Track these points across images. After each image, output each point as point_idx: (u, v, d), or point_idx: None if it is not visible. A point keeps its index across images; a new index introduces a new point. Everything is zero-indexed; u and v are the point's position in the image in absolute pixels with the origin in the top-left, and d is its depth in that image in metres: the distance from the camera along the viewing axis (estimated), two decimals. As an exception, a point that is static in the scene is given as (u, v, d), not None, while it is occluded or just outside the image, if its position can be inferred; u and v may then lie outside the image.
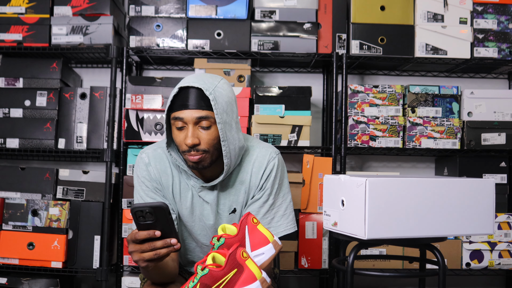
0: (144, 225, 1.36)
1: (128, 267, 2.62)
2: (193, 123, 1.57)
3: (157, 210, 1.34)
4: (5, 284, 2.51)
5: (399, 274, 1.79)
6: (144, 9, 2.73)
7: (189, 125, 1.57)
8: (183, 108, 1.57)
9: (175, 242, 1.37)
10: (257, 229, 1.42)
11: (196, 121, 1.57)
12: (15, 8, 2.70)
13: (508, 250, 2.64)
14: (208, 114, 1.57)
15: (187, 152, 1.59)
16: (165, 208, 1.34)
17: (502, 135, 2.68)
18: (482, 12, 2.75)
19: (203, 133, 1.58)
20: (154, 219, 1.35)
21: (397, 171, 3.03)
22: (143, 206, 1.34)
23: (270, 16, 2.73)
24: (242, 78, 2.66)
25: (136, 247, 1.39)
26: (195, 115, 1.56)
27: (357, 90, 2.68)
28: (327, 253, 2.59)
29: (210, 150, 1.60)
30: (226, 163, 1.61)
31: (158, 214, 1.35)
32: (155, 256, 1.38)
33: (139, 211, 1.34)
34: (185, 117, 1.57)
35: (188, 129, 1.58)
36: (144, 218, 1.35)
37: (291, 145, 2.60)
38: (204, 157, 1.60)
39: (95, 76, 3.03)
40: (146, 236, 1.37)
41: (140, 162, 1.73)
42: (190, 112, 1.57)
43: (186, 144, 1.57)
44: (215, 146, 1.61)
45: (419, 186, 1.58)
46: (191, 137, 1.56)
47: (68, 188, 2.61)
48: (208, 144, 1.59)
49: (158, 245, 1.37)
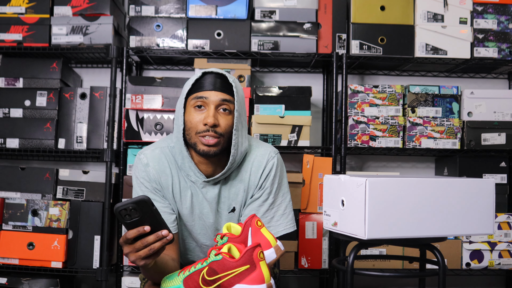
0: (132, 223, 1.35)
1: (128, 267, 2.62)
2: (216, 105, 1.62)
3: (140, 204, 1.32)
4: (5, 284, 2.51)
5: (399, 274, 1.79)
6: (144, 9, 2.73)
7: (211, 106, 1.61)
8: (208, 89, 1.62)
9: (167, 233, 1.36)
10: (260, 232, 1.42)
11: (219, 103, 1.62)
12: (15, 8, 2.70)
13: (508, 250, 2.64)
14: (231, 99, 1.63)
15: (204, 133, 1.60)
16: (147, 200, 1.32)
17: (502, 135, 2.68)
18: (482, 12, 2.75)
19: (222, 117, 1.63)
20: (140, 215, 1.33)
21: (397, 171, 3.03)
22: (125, 204, 1.32)
23: (270, 16, 2.73)
24: (242, 78, 2.66)
25: (129, 248, 1.38)
26: (220, 96, 1.62)
27: (357, 90, 2.68)
28: (327, 253, 2.59)
29: (225, 136, 1.63)
30: (232, 153, 1.63)
31: (142, 209, 1.33)
32: (150, 251, 1.36)
33: (123, 209, 1.32)
34: (210, 96, 1.61)
35: (209, 109, 1.61)
36: (130, 216, 1.34)
37: (291, 145, 2.60)
38: (219, 141, 1.62)
39: (95, 76, 3.03)
40: (136, 233, 1.35)
41: (138, 163, 1.73)
42: (215, 93, 1.62)
43: (207, 123, 1.59)
44: (228, 134, 1.64)
45: (419, 186, 1.58)
46: (212, 116, 1.60)
47: (68, 188, 2.61)
48: (225, 129, 1.62)
49: (150, 240, 1.36)
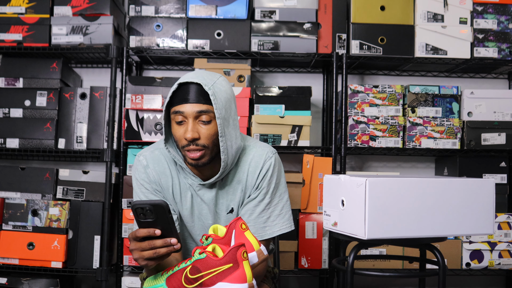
0: (145, 223, 1.36)
1: (128, 267, 2.62)
2: (193, 117, 1.58)
3: (157, 208, 1.34)
4: (5, 284, 2.51)
5: (399, 274, 1.79)
6: (144, 9, 2.73)
7: (189, 119, 1.59)
8: (183, 102, 1.58)
9: (175, 242, 1.37)
10: (244, 235, 1.41)
11: (196, 115, 1.58)
12: (15, 8, 2.70)
13: (508, 250, 2.64)
14: (208, 108, 1.59)
15: (187, 147, 1.59)
16: (165, 206, 1.34)
17: (502, 135, 2.68)
18: (482, 12, 2.75)
19: (203, 128, 1.59)
20: (154, 217, 1.35)
21: (397, 171, 3.03)
22: (143, 203, 1.34)
23: (270, 16, 2.73)
24: (242, 78, 2.66)
25: (136, 245, 1.39)
26: (196, 109, 1.58)
27: (357, 90, 2.68)
28: (327, 253, 2.59)
29: (210, 146, 1.61)
30: (223, 159, 1.62)
31: (158, 212, 1.35)
32: (155, 255, 1.37)
33: (139, 208, 1.34)
34: (185, 111, 1.58)
35: (188, 123, 1.59)
36: (145, 216, 1.35)
37: (291, 145, 2.60)
38: (204, 153, 1.60)
39: (95, 76, 3.03)
40: (146, 234, 1.37)
41: (138, 164, 1.73)
42: (190, 106, 1.58)
43: (186, 138, 1.58)
44: (214, 142, 1.62)
45: (419, 186, 1.58)
46: (191, 131, 1.57)
47: (68, 188, 2.61)
48: (208, 139, 1.60)
49: (157, 244, 1.37)
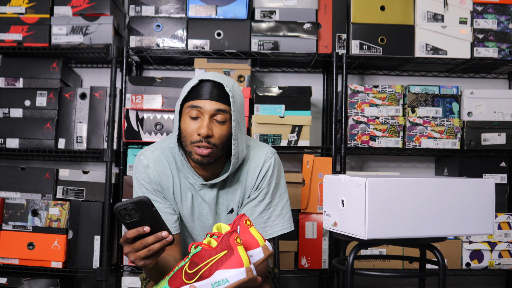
0: (132, 223, 1.35)
1: (128, 267, 2.62)
2: (210, 114, 1.59)
3: (140, 204, 1.32)
4: (5, 284, 2.51)
5: (399, 274, 1.79)
6: (144, 9, 2.73)
7: (205, 116, 1.59)
8: (202, 98, 1.58)
9: (166, 234, 1.35)
10: (248, 231, 1.42)
11: (213, 113, 1.59)
12: (15, 8, 2.70)
13: (508, 250, 2.64)
14: (226, 109, 1.60)
15: (198, 143, 1.59)
16: (147, 201, 1.32)
17: (502, 135, 2.68)
18: (482, 12, 2.75)
19: (217, 127, 1.60)
20: (140, 215, 1.33)
21: (397, 171, 3.03)
22: (125, 204, 1.32)
23: (270, 16, 2.73)
24: (242, 78, 2.66)
25: (129, 248, 1.37)
26: (215, 106, 1.58)
27: (357, 90, 2.68)
28: (327, 253, 2.59)
29: (219, 146, 1.61)
30: (233, 162, 1.62)
31: (142, 209, 1.33)
32: (149, 252, 1.36)
33: (123, 209, 1.33)
34: (204, 106, 1.58)
35: (203, 119, 1.59)
36: (130, 216, 1.34)
37: (291, 145, 2.60)
38: (212, 152, 1.60)
39: (95, 76, 3.03)
40: (135, 233, 1.35)
41: (138, 164, 1.72)
42: (210, 103, 1.58)
43: (200, 134, 1.58)
44: (223, 143, 1.62)
45: (419, 186, 1.58)
46: (206, 127, 1.57)
47: (68, 188, 2.61)
48: (219, 139, 1.60)
49: (149, 241, 1.35)
